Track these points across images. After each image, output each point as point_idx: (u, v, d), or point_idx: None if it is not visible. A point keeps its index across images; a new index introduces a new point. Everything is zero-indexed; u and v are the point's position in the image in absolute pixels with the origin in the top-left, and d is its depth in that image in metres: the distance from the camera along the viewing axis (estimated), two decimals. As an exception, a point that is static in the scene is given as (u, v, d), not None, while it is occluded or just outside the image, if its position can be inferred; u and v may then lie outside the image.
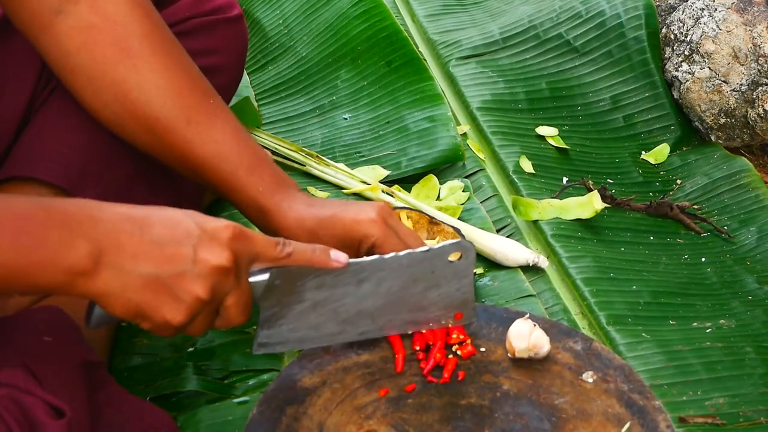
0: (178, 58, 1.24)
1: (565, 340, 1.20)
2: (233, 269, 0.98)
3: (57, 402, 0.93)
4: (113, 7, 1.19)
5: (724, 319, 1.57)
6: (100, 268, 0.92)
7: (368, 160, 1.84)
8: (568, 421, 1.09)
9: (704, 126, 1.97)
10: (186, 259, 0.95)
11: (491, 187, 1.80)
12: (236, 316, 1.01)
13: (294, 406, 1.07)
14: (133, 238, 0.94)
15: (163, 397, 1.37)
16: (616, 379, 1.15)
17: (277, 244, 1.03)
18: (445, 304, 1.17)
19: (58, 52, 1.20)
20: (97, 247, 0.92)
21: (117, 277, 0.93)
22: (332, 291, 1.10)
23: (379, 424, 1.06)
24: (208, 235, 0.97)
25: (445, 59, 2.09)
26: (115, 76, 1.20)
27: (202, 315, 0.99)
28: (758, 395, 1.43)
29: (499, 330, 1.20)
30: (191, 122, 1.21)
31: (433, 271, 1.13)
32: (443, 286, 1.15)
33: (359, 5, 2.09)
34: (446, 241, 1.14)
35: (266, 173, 1.23)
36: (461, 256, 1.13)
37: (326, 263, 1.06)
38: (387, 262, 1.11)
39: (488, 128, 1.92)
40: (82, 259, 0.91)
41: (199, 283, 0.96)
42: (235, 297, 1.00)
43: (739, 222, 1.78)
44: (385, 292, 1.13)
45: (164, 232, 0.95)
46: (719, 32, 1.95)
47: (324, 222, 1.18)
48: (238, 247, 0.99)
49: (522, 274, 1.60)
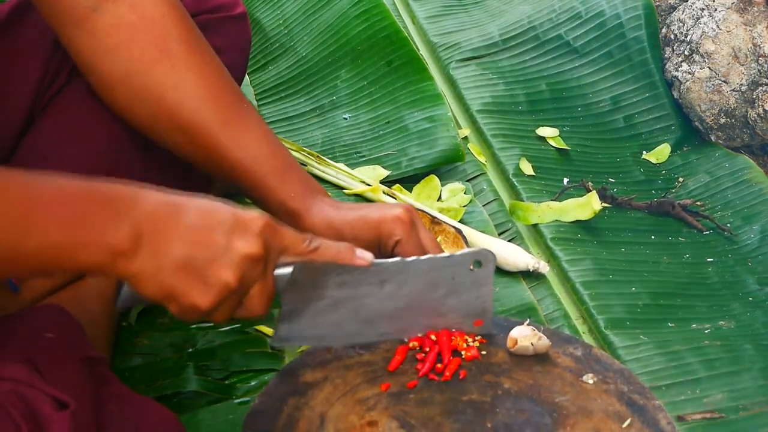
0: (213, 62, 1.25)
1: (566, 346, 1.20)
2: (263, 259, 1.00)
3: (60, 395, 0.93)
4: (152, 7, 1.20)
5: (724, 320, 1.57)
6: (138, 250, 0.94)
7: (368, 160, 1.84)
8: (569, 417, 1.09)
9: (704, 126, 1.97)
10: (219, 245, 0.97)
11: (492, 191, 1.80)
12: (258, 306, 1.03)
13: (296, 398, 1.08)
14: (170, 223, 0.96)
15: (163, 397, 1.37)
16: (616, 381, 1.16)
17: (305, 239, 1.05)
18: (464, 311, 1.18)
19: (92, 48, 1.21)
20: (137, 229, 0.94)
21: (152, 260, 0.95)
22: (354, 290, 1.11)
23: (381, 416, 1.06)
24: (242, 224, 0.98)
25: (445, 62, 2.09)
26: (152, 75, 1.20)
27: (228, 302, 1.00)
28: (757, 388, 1.43)
29: (500, 337, 1.20)
30: (226, 125, 1.22)
31: (453, 277, 1.14)
32: (463, 293, 1.16)
33: (359, 5, 2.09)
34: (468, 249, 1.15)
35: (296, 178, 1.24)
36: (481, 264, 1.14)
37: (351, 260, 1.07)
38: (409, 265, 1.12)
39: (489, 131, 1.93)
40: (123, 240, 0.93)
41: (229, 269, 0.97)
42: (260, 287, 1.01)
43: (742, 219, 1.78)
44: (405, 294, 1.14)
45: (199, 219, 0.97)
46: (719, 32, 1.95)
47: (351, 223, 1.19)
48: (269, 238, 1.00)
49: (522, 281, 1.60)
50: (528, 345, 1.17)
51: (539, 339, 1.17)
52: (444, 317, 1.17)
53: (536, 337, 1.17)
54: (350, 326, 1.14)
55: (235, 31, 1.47)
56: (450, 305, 1.16)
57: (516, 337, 1.17)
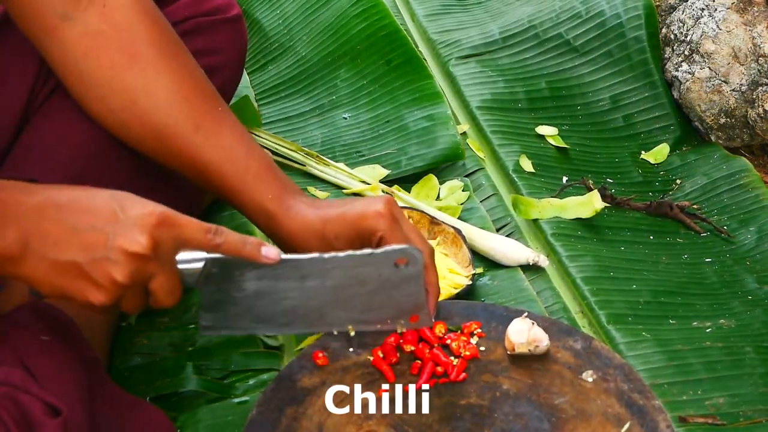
0: (185, 64, 1.24)
1: (565, 338, 1.20)
2: (151, 255, 1.00)
3: (54, 400, 0.93)
4: (121, 15, 1.20)
5: (724, 318, 1.57)
6: (26, 253, 0.97)
7: (368, 159, 1.84)
8: (568, 421, 1.09)
9: (704, 126, 1.97)
10: (103, 245, 0.98)
11: (491, 186, 1.80)
12: (164, 299, 1.03)
13: (293, 407, 1.07)
14: (55, 225, 0.98)
15: (162, 396, 1.37)
16: (616, 378, 1.15)
17: (207, 231, 1.04)
18: (396, 308, 1.17)
19: (64, 57, 1.21)
20: (24, 233, 0.96)
21: (39, 263, 0.97)
22: (274, 283, 1.11)
23: (379, 425, 1.06)
24: (130, 221, 0.99)
25: (445, 59, 2.09)
26: (122, 82, 1.20)
27: (129, 296, 1.01)
28: (758, 395, 1.43)
29: (499, 329, 1.20)
30: (199, 128, 1.21)
31: (380, 274, 1.14)
32: (392, 290, 1.15)
33: (358, 4, 2.09)
34: (390, 247, 1.14)
35: (273, 179, 1.23)
36: (408, 262, 1.13)
37: (256, 257, 1.07)
38: (327, 262, 1.12)
39: (488, 127, 1.92)
40: (9, 244, 0.96)
41: (116, 268, 0.98)
42: (159, 281, 1.02)
43: (739, 222, 1.78)
44: (331, 289, 1.13)
45: (85, 218, 0.99)
46: (719, 32, 1.95)
47: (331, 222, 1.18)
48: (162, 233, 1.00)
49: (522, 273, 1.60)
50: (525, 351, 1.17)
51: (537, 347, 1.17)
52: (375, 312, 1.17)
53: (534, 344, 1.17)
54: (277, 318, 1.14)
55: (232, 32, 1.47)
56: (380, 301, 1.16)
57: (514, 343, 1.17)
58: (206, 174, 1.23)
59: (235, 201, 1.24)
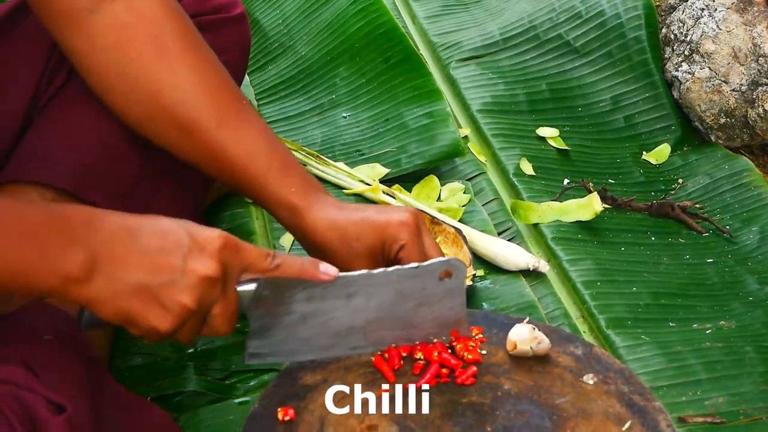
0: (209, 59, 1.24)
1: (566, 345, 1.20)
2: (220, 279, 0.99)
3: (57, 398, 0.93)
4: (148, 8, 1.20)
5: (725, 320, 1.57)
6: (93, 275, 0.94)
7: (368, 158, 1.84)
8: (569, 420, 1.09)
9: (704, 126, 1.97)
10: (175, 268, 0.97)
11: (492, 191, 1.80)
12: (222, 325, 1.02)
13: (295, 402, 1.07)
14: (125, 248, 0.96)
15: (163, 397, 1.37)
16: (617, 381, 1.16)
17: (267, 255, 1.04)
18: (438, 322, 1.16)
19: (88, 49, 1.21)
20: (92, 255, 0.94)
21: (108, 285, 0.95)
22: (321, 304, 1.10)
23: (381, 420, 1.06)
24: (198, 245, 0.98)
25: (445, 61, 2.09)
26: (149, 74, 1.20)
27: (189, 323, 1.00)
28: (758, 393, 1.43)
29: (500, 335, 1.20)
30: (224, 122, 1.21)
31: (423, 288, 1.13)
32: (435, 304, 1.14)
33: (357, 3, 2.09)
34: (437, 259, 1.13)
35: (297, 174, 1.23)
36: (452, 274, 1.13)
37: (315, 275, 1.06)
38: (375, 277, 1.10)
39: (489, 131, 1.92)
40: (77, 266, 0.93)
41: (186, 292, 0.97)
42: (221, 306, 1.01)
43: (741, 221, 1.78)
44: (375, 307, 1.12)
45: (155, 242, 0.97)
46: (719, 32, 1.95)
47: (356, 224, 1.18)
48: (228, 257, 1.00)
49: (523, 278, 1.60)
50: (527, 349, 1.17)
51: (538, 344, 1.17)
52: (418, 328, 1.15)
53: (536, 341, 1.17)
54: (321, 340, 1.12)
55: (235, 31, 1.47)
56: (422, 316, 1.14)
57: (515, 341, 1.17)
58: (229, 168, 1.23)
59: (258, 195, 1.24)
